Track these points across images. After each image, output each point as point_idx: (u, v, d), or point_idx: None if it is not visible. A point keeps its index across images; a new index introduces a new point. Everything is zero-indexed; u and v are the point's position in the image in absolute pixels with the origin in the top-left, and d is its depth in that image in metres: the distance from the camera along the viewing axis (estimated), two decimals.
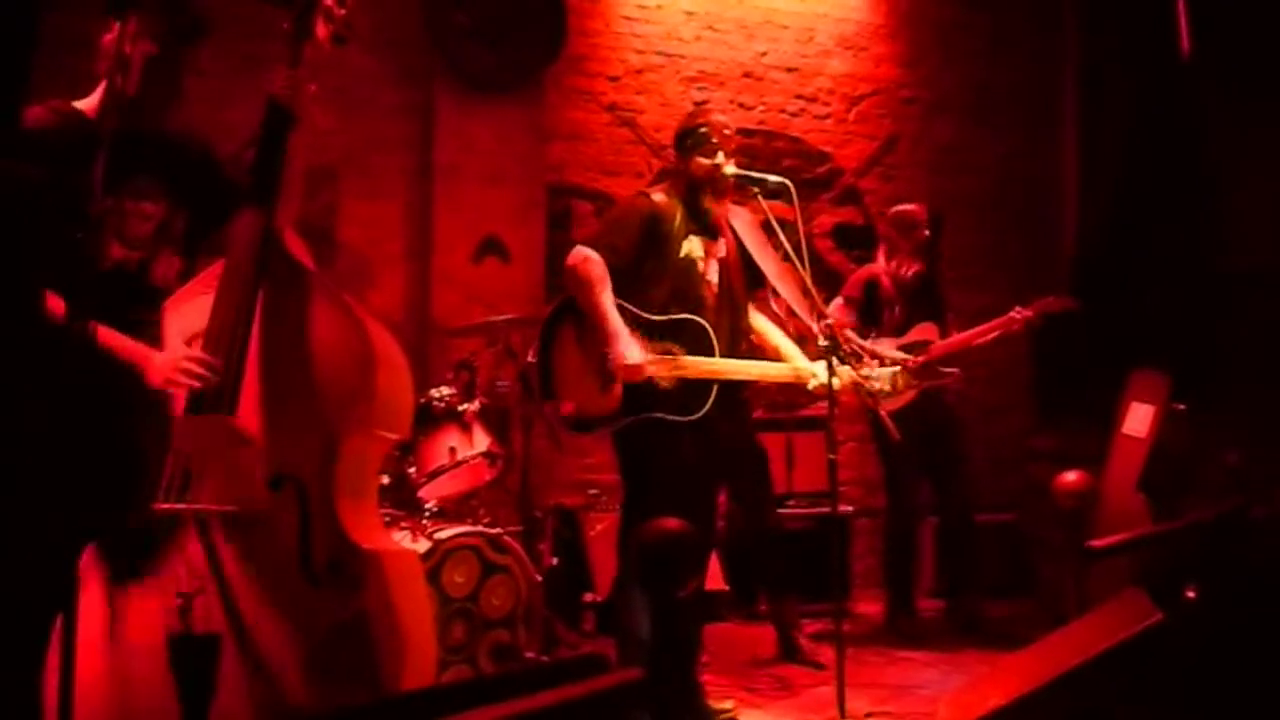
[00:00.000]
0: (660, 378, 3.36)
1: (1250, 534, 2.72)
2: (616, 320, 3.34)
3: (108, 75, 2.39)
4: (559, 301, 3.55)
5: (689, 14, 5.86)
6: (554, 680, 1.81)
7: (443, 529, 3.71)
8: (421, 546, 3.57)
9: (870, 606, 5.23)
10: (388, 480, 3.88)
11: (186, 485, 2.21)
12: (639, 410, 3.36)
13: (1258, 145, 5.29)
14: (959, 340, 4.80)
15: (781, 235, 3.49)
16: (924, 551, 5.23)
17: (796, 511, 5.15)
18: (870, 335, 4.80)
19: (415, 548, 3.49)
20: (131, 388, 2.32)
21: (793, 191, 3.48)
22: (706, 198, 3.56)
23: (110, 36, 2.45)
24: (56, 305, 2.11)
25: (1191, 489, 4.51)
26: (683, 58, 5.85)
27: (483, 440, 3.96)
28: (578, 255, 3.44)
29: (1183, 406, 4.56)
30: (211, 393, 2.26)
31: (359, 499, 2.38)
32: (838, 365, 3.37)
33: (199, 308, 2.35)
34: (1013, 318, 4.73)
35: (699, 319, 3.42)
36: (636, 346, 3.33)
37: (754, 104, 5.99)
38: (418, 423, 3.80)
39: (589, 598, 4.61)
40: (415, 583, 2.46)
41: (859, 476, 5.75)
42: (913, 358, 4.60)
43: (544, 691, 1.75)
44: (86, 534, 2.20)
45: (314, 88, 2.50)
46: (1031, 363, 6.31)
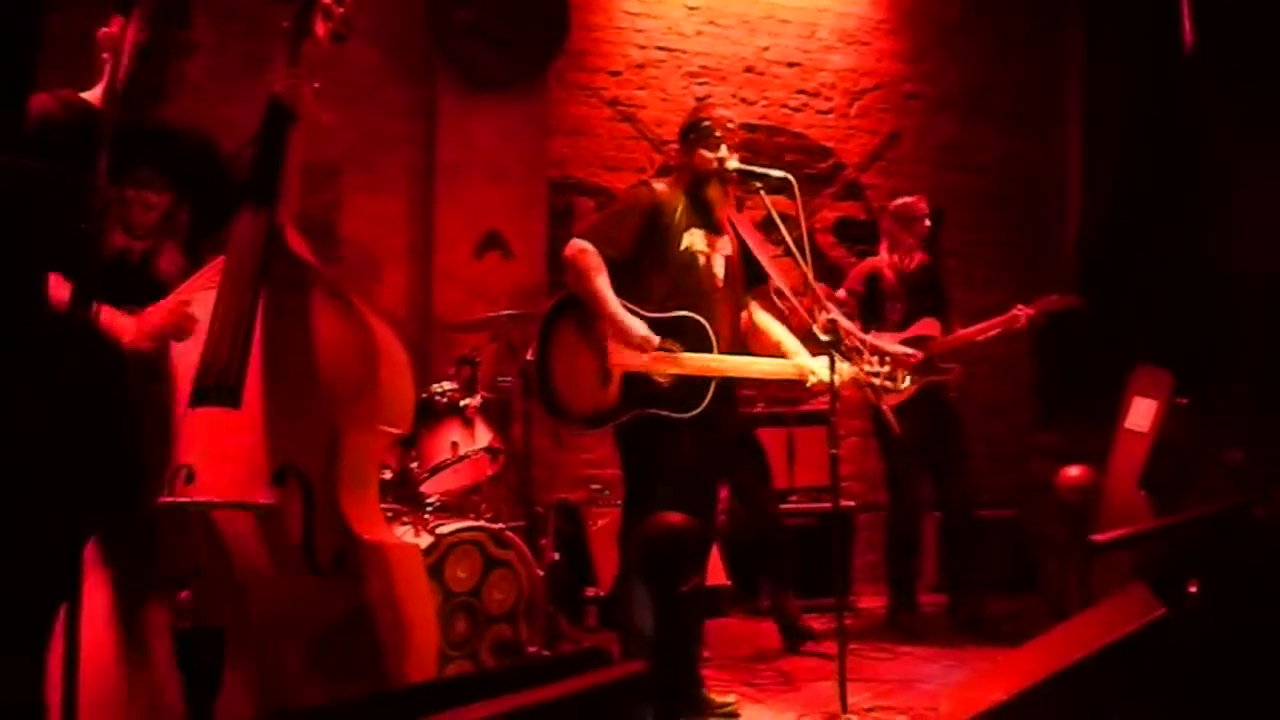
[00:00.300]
0: (659, 374, 3.35)
1: (1251, 533, 2.73)
2: (615, 302, 3.33)
3: (106, 64, 2.41)
4: (557, 299, 3.54)
5: (691, 9, 5.86)
6: (556, 674, 1.81)
7: (445, 524, 3.71)
8: (424, 541, 3.58)
9: (872, 602, 5.24)
10: (390, 475, 3.88)
11: (191, 478, 2.21)
12: (638, 406, 3.36)
13: (1260, 144, 5.29)
14: (961, 337, 4.81)
15: (784, 230, 3.48)
16: (926, 547, 5.23)
17: (798, 507, 5.16)
18: (871, 330, 4.80)
19: (418, 542, 3.50)
20: (135, 379, 2.32)
21: (795, 186, 3.47)
22: (710, 191, 3.56)
23: (106, 29, 2.47)
24: (60, 291, 2.10)
25: (1193, 485, 4.52)
26: (684, 52, 5.85)
27: (485, 435, 3.96)
28: (574, 247, 3.42)
29: (1185, 402, 4.56)
30: (216, 386, 2.26)
31: (362, 492, 2.39)
32: (839, 360, 3.37)
33: (203, 302, 2.35)
34: (1015, 316, 4.74)
35: (698, 316, 3.41)
36: (641, 322, 3.32)
37: (756, 99, 5.99)
38: (420, 418, 3.81)
39: (591, 593, 4.61)
40: (417, 576, 2.47)
41: (860, 472, 5.76)
42: (914, 352, 4.60)
43: (547, 685, 1.76)
44: (89, 527, 2.20)
45: (317, 84, 2.51)
46: (1034, 359, 6.31)
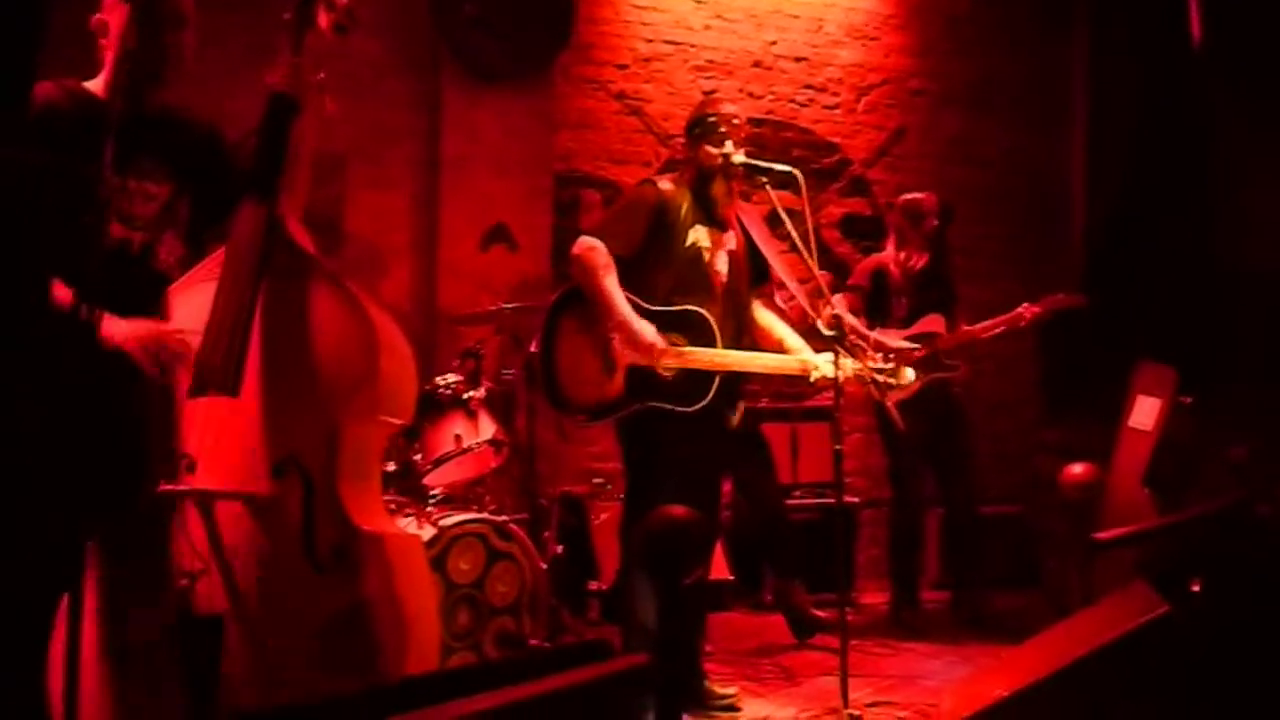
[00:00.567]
0: (663, 368, 3.35)
1: (1254, 530, 2.72)
2: (625, 304, 3.34)
3: (105, 54, 2.40)
4: (562, 291, 3.54)
5: (698, 2, 5.85)
6: (559, 666, 1.81)
7: (448, 516, 3.71)
8: (427, 533, 3.58)
9: (875, 597, 5.24)
10: (394, 467, 3.88)
11: (191, 468, 2.21)
12: (642, 400, 3.36)
13: (1267, 141, 5.27)
14: (965, 334, 4.80)
15: (790, 225, 3.48)
16: (929, 543, 5.23)
17: (802, 502, 5.16)
18: (876, 326, 4.79)
19: (420, 534, 3.50)
20: (136, 370, 2.31)
21: (801, 181, 3.47)
22: (715, 187, 3.55)
23: (97, 15, 2.47)
24: (63, 293, 2.10)
25: (1196, 483, 4.51)
26: (691, 46, 5.83)
27: (488, 428, 3.96)
28: (583, 244, 3.43)
29: (1189, 399, 4.55)
30: (215, 375, 2.26)
31: (362, 483, 2.38)
32: (843, 356, 3.37)
33: (203, 293, 2.35)
34: (1020, 314, 4.73)
35: (702, 310, 3.41)
36: (650, 326, 3.33)
37: (763, 93, 5.98)
38: (424, 410, 3.81)
39: (594, 585, 4.61)
40: (419, 567, 2.47)
41: (864, 467, 5.75)
42: (918, 348, 4.60)
43: (549, 678, 1.76)
44: (90, 525, 2.20)
45: (322, 75, 2.50)
46: (1038, 356, 6.30)
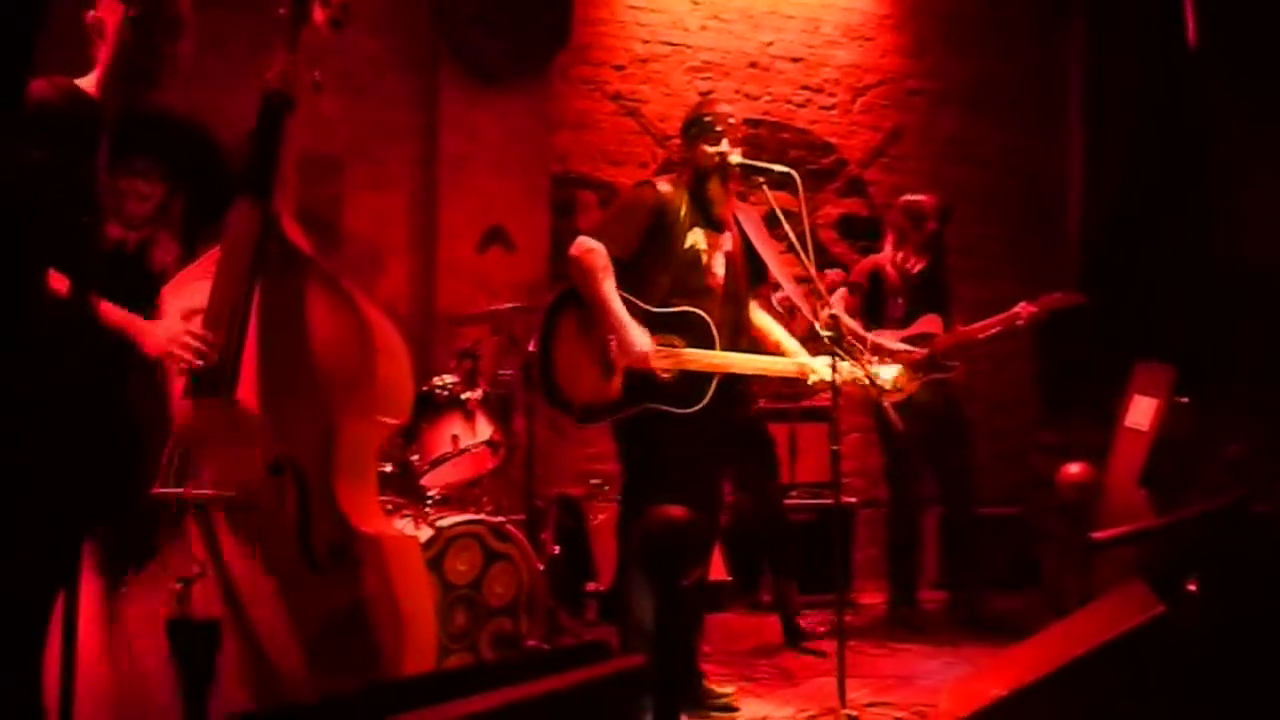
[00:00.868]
0: (661, 369, 3.35)
1: (1252, 529, 2.72)
2: (621, 309, 3.34)
3: (98, 51, 2.39)
4: (560, 291, 3.54)
5: (694, 3, 5.84)
6: (556, 667, 1.81)
7: (445, 517, 3.70)
8: (424, 534, 3.57)
9: (872, 597, 5.23)
10: (390, 468, 3.88)
11: (185, 469, 2.20)
12: (640, 401, 3.36)
13: (1266, 140, 5.27)
14: (962, 334, 4.80)
15: (786, 226, 3.48)
16: (926, 543, 5.23)
17: (799, 502, 5.15)
18: (873, 327, 4.79)
19: (418, 535, 3.50)
20: (131, 370, 2.31)
21: (798, 182, 3.47)
22: (712, 188, 3.55)
23: (92, 13, 2.46)
24: (60, 284, 2.09)
25: (1194, 483, 4.50)
26: (688, 47, 5.83)
27: (485, 428, 3.95)
28: (581, 245, 3.42)
29: (1186, 399, 4.55)
30: (211, 376, 2.25)
31: (359, 484, 2.38)
32: (840, 359, 3.36)
33: (197, 292, 2.34)
34: (1017, 314, 4.72)
35: (700, 312, 3.41)
36: (644, 334, 3.33)
37: (759, 94, 5.98)
38: (421, 411, 3.80)
39: (591, 587, 4.61)
40: (415, 568, 2.46)
41: (862, 468, 5.74)
42: (914, 350, 4.59)
43: (546, 678, 1.75)
44: (88, 518, 2.19)
45: (318, 74, 2.49)
46: (1036, 355, 6.30)
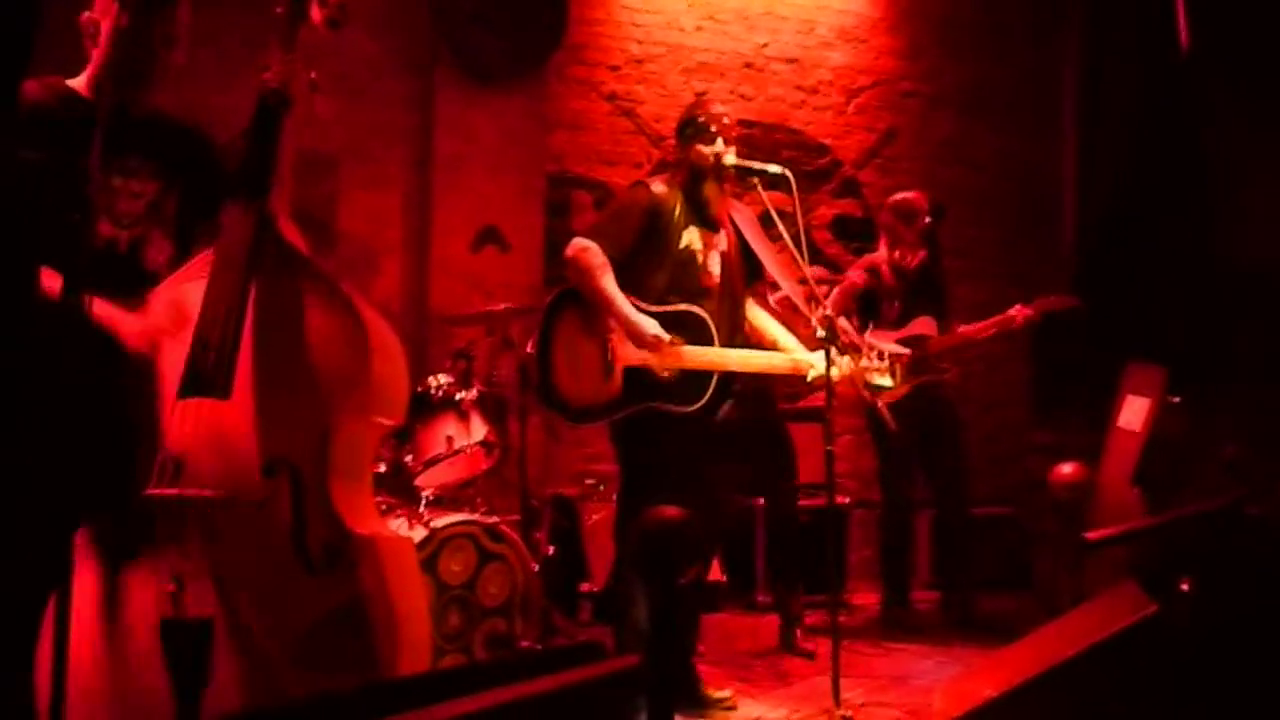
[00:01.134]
0: (660, 368, 3.35)
1: (1246, 529, 2.72)
2: (625, 301, 3.34)
3: (91, 51, 2.39)
4: (559, 291, 3.54)
5: (690, 4, 5.85)
6: (550, 667, 1.81)
7: (440, 517, 3.70)
8: (418, 534, 3.57)
9: (866, 598, 5.23)
10: (385, 468, 3.88)
11: (180, 470, 2.19)
12: (639, 400, 3.36)
13: (1260, 141, 5.28)
14: (957, 336, 4.80)
15: (781, 226, 3.48)
16: (919, 544, 5.23)
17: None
18: (868, 328, 4.79)
19: (412, 535, 3.49)
20: (125, 368, 2.30)
21: (792, 182, 3.47)
22: (707, 188, 3.55)
23: (88, 14, 2.46)
24: (52, 281, 2.08)
25: (1188, 483, 4.51)
26: (683, 48, 5.84)
27: (480, 429, 3.95)
28: (577, 246, 3.43)
29: (1178, 400, 4.56)
30: (206, 376, 2.25)
31: (354, 484, 2.37)
32: (836, 356, 3.37)
33: (193, 293, 2.33)
34: (1012, 316, 4.72)
35: (698, 310, 3.41)
36: (651, 320, 3.33)
37: (754, 95, 5.98)
38: (415, 411, 3.80)
39: (585, 587, 4.61)
40: (410, 568, 2.46)
41: (855, 469, 5.75)
42: (905, 350, 4.59)
43: (540, 678, 1.75)
44: (81, 516, 2.19)
45: (314, 75, 2.49)
46: (1029, 356, 6.31)
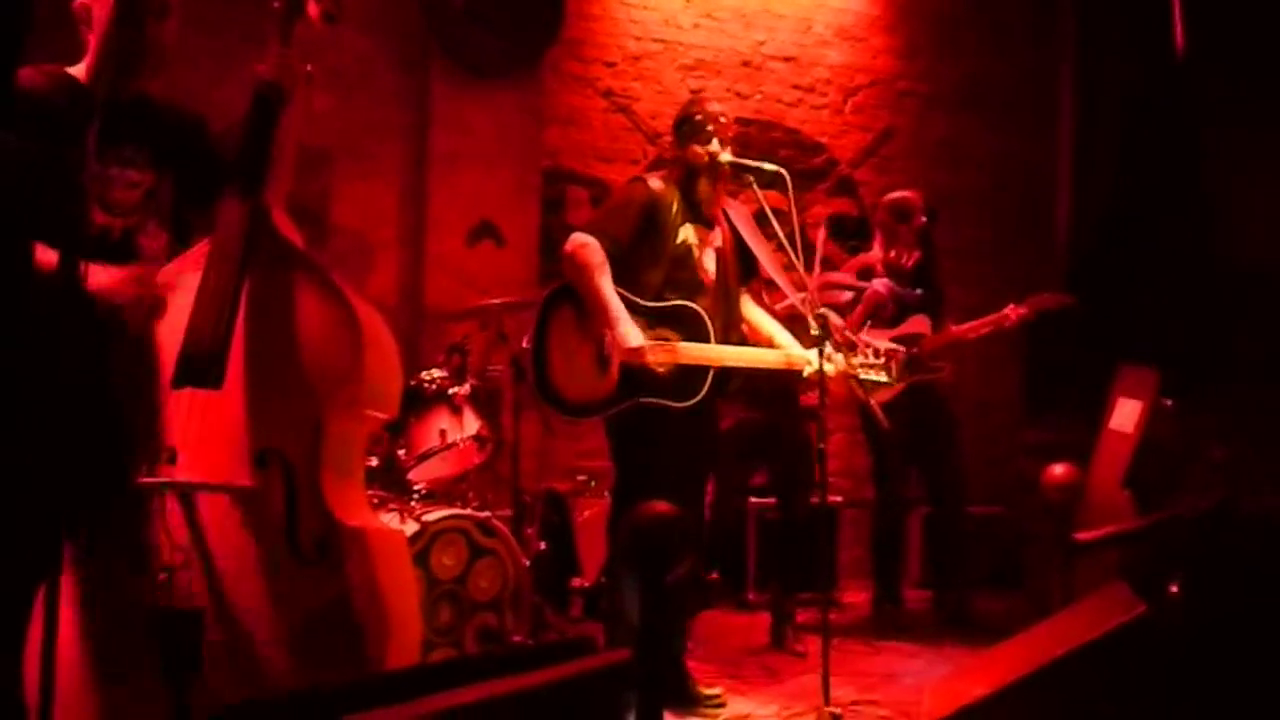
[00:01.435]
0: (656, 364, 3.35)
1: (1236, 530, 2.74)
2: (618, 304, 3.34)
3: (88, 38, 2.39)
4: (555, 286, 3.54)
5: (687, 1, 5.84)
6: (541, 661, 1.81)
7: (431, 511, 3.70)
8: (410, 528, 3.57)
9: (857, 596, 5.25)
10: (377, 462, 3.87)
11: (172, 459, 2.20)
12: (635, 396, 3.36)
13: (1257, 141, 5.30)
14: (951, 335, 4.81)
15: (776, 225, 3.49)
16: (911, 543, 5.24)
17: None
18: (864, 326, 4.79)
19: (403, 529, 3.49)
20: (115, 358, 2.30)
21: (788, 181, 3.48)
22: (702, 186, 3.56)
23: (80, 0, 2.46)
24: (47, 259, 2.06)
25: (1180, 485, 4.52)
26: (680, 45, 5.83)
27: (473, 423, 3.95)
28: (575, 241, 3.43)
29: (1170, 402, 4.57)
30: (199, 367, 2.24)
31: (345, 477, 2.37)
32: (831, 353, 3.38)
33: (187, 285, 2.33)
34: (1006, 315, 4.73)
35: (695, 306, 3.42)
36: (637, 330, 3.33)
37: (751, 93, 5.98)
38: (408, 405, 3.79)
39: (577, 583, 4.60)
40: (401, 562, 2.45)
41: (848, 467, 5.76)
42: (899, 349, 4.59)
43: (530, 673, 1.75)
44: (72, 509, 2.18)
45: (310, 68, 2.49)
46: (1022, 356, 6.32)
